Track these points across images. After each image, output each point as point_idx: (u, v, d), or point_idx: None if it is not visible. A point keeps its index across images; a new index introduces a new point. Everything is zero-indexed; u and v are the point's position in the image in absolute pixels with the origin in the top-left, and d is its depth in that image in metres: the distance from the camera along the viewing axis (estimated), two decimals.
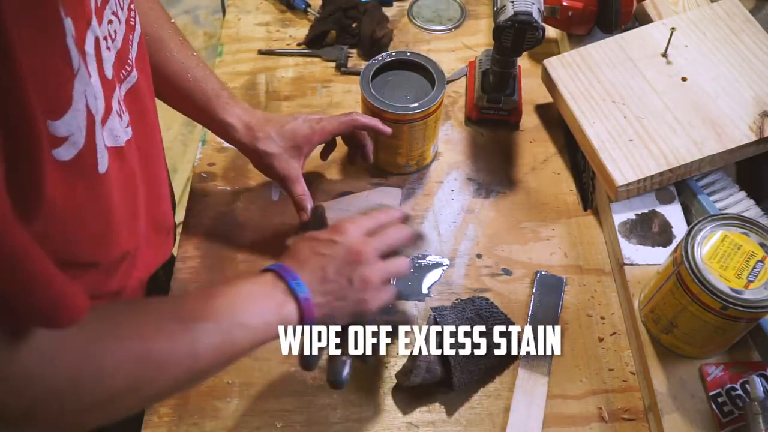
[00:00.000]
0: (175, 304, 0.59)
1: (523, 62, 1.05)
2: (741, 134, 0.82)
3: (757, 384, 0.65)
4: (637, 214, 0.83)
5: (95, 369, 0.49)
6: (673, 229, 0.81)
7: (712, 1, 0.97)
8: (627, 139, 0.84)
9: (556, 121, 0.98)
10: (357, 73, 0.96)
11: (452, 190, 0.91)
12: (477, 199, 0.90)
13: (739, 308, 0.62)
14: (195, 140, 2.20)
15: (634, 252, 0.80)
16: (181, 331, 0.54)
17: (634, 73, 0.89)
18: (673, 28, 0.88)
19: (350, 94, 1.01)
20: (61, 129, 0.46)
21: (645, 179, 0.81)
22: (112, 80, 0.56)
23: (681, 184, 0.84)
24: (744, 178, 0.86)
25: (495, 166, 0.94)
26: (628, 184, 0.81)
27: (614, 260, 0.83)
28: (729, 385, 0.69)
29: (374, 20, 1.05)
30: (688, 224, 0.80)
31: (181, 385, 0.57)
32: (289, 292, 0.59)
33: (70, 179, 0.49)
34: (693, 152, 0.81)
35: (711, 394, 0.69)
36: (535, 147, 0.96)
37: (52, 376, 0.46)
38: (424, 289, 0.81)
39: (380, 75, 0.88)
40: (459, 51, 1.08)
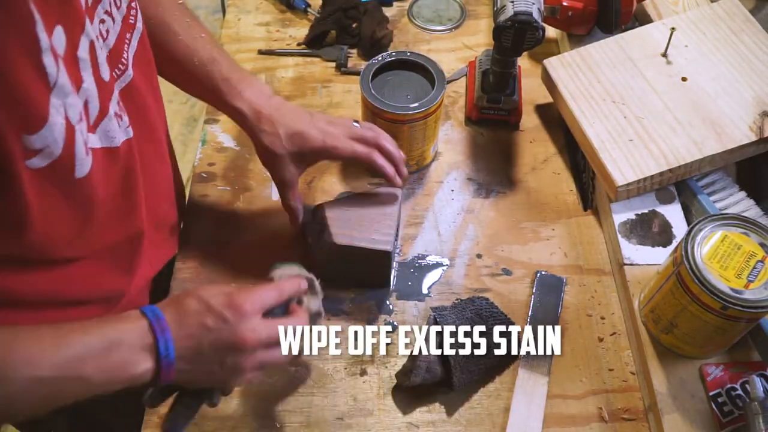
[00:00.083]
0: (29, 342, 0.53)
1: (523, 62, 1.05)
2: (741, 134, 0.82)
3: (757, 384, 0.65)
4: (637, 214, 0.83)
5: None
6: (673, 229, 0.81)
7: (712, 1, 0.97)
8: (627, 139, 0.84)
9: (556, 121, 0.98)
10: (357, 73, 0.96)
11: (452, 190, 0.91)
12: (477, 199, 0.90)
13: (739, 308, 0.62)
14: (195, 140, 2.20)
15: (634, 252, 0.80)
16: (9, 379, 0.50)
17: (634, 73, 0.89)
18: (673, 28, 0.88)
19: (350, 94, 1.01)
20: (36, 143, 0.47)
21: (645, 179, 0.81)
22: (109, 82, 0.55)
23: (681, 184, 0.84)
24: (744, 178, 0.86)
25: (495, 166, 0.94)
26: (628, 184, 0.81)
27: (614, 260, 0.83)
28: (729, 385, 0.69)
29: (374, 20, 1.05)
30: (688, 224, 0.80)
31: None
32: (152, 350, 0.55)
33: (43, 184, 0.49)
34: (693, 152, 0.81)
35: (711, 394, 0.69)
36: (535, 147, 0.96)
37: None
38: (424, 289, 0.81)
39: (380, 75, 0.88)
40: (459, 51, 1.08)
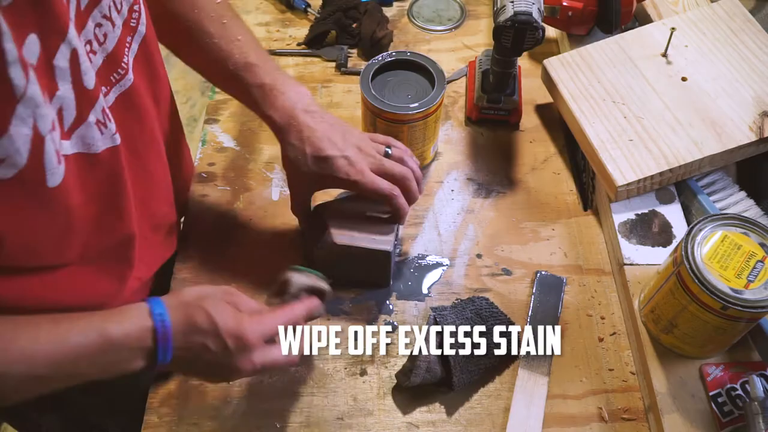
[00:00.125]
0: (32, 331, 0.54)
1: (523, 62, 1.05)
2: (741, 134, 0.82)
3: (757, 384, 0.65)
4: (637, 214, 0.83)
5: None
6: (673, 229, 0.81)
7: (712, 1, 0.97)
8: (627, 139, 0.84)
9: (556, 121, 0.98)
10: (357, 73, 0.96)
11: (452, 190, 0.91)
12: (477, 199, 0.90)
13: (739, 308, 0.62)
14: (195, 140, 2.20)
15: (634, 252, 0.80)
16: (5, 375, 0.52)
17: (634, 73, 0.89)
18: (673, 28, 0.88)
19: (350, 94, 1.01)
20: None
21: (645, 179, 0.81)
22: (93, 90, 0.54)
23: (681, 184, 0.84)
24: (744, 178, 0.86)
25: (495, 166, 0.94)
26: (628, 184, 0.81)
27: (614, 260, 0.83)
28: (729, 385, 0.69)
29: (374, 20, 1.05)
30: (688, 224, 0.80)
31: None
32: (150, 354, 0.57)
33: (12, 195, 0.49)
34: (693, 152, 0.81)
35: (711, 394, 0.69)
36: (535, 147, 0.96)
37: None
38: (424, 289, 0.81)
39: (380, 75, 0.88)
40: (459, 51, 1.08)
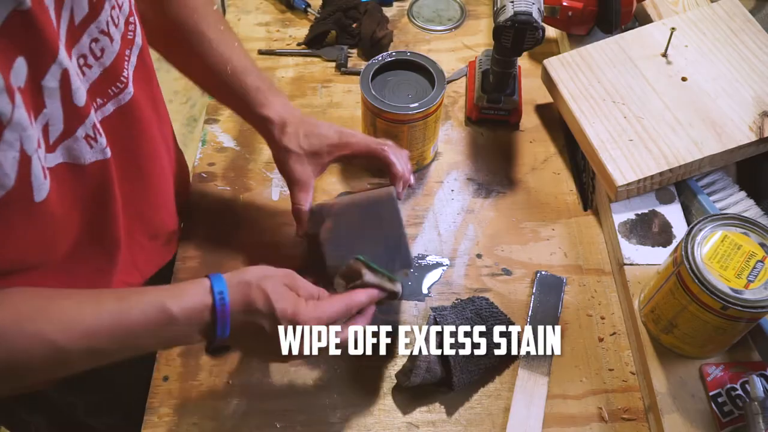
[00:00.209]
0: (92, 307, 0.56)
1: (523, 62, 1.05)
2: (741, 134, 0.82)
3: (757, 384, 0.65)
4: (637, 214, 0.83)
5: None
6: (673, 229, 0.81)
7: (712, 1, 0.97)
8: (627, 139, 0.84)
9: (556, 121, 0.98)
10: (357, 73, 0.96)
11: (452, 190, 0.91)
12: (477, 199, 0.90)
13: (739, 308, 0.62)
14: (195, 140, 2.20)
15: (634, 252, 0.80)
16: (68, 351, 0.53)
17: (634, 73, 0.89)
18: (673, 28, 0.88)
19: (350, 94, 1.01)
20: None
21: (645, 179, 0.81)
22: (83, 107, 0.54)
23: (681, 184, 0.84)
24: (744, 178, 0.86)
25: (495, 166, 0.94)
26: (628, 184, 0.81)
27: (614, 260, 0.83)
28: (729, 385, 0.69)
29: (374, 20, 1.05)
30: (688, 224, 0.80)
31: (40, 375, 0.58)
32: (209, 329, 0.58)
33: (0, 214, 0.49)
34: (693, 152, 0.81)
35: (711, 394, 0.69)
36: (535, 147, 0.96)
37: None
38: (424, 289, 0.81)
39: (380, 75, 0.88)
40: (459, 51, 1.08)
